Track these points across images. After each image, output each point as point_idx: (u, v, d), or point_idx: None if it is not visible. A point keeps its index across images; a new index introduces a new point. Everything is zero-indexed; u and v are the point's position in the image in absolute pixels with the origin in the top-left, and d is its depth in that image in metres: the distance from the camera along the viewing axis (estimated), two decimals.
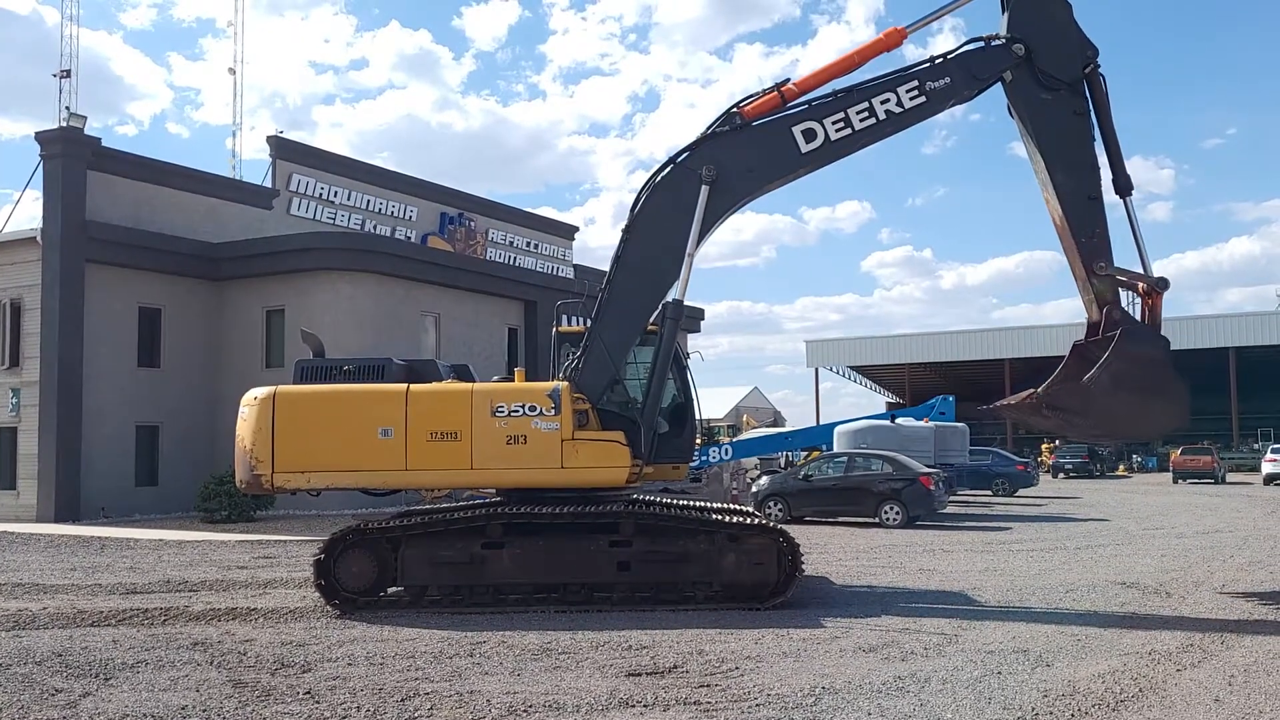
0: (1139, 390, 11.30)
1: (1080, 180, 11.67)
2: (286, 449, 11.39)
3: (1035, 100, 11.72)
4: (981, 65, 11.78)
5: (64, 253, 24.82)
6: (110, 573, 14.94)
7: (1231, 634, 9.72)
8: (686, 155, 11.79)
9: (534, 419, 11.36)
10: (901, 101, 11.65)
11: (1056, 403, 11.50)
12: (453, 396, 11.59)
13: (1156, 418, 11.86)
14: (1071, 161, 11.68)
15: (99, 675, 8.27)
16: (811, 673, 8.21)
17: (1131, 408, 11.36)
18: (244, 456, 11.51)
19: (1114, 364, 11.21)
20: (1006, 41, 11.76)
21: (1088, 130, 11.79)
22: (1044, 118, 11.73)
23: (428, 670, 8.41)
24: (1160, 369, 11.50)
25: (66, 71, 30.28)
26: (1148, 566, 14.95)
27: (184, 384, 27.17)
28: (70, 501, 24.60)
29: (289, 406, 11.55)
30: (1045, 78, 11.67)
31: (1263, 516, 24.42)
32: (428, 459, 11.33)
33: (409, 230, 36.01)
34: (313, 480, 11.49)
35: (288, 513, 24.72)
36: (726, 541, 11.41)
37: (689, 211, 11.61)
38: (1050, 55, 11.70)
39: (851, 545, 18.07)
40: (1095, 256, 11.58)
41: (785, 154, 11.70)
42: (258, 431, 11.44)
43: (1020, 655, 8.78)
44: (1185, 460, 44.11)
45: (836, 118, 11.62)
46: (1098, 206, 11.62)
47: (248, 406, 11.64)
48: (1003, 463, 36.27)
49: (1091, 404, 11.26)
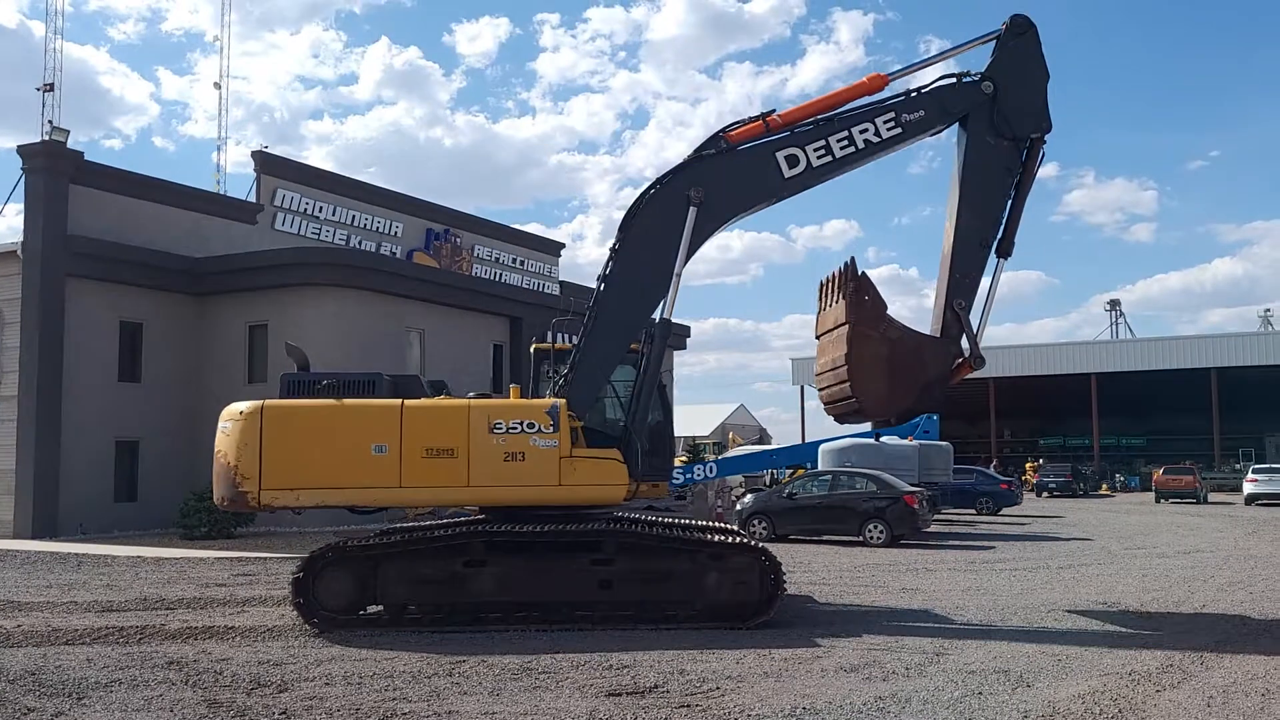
0: (902, 377, 12.13)
1: (981, 226, 12.36)
2: (274, 465, 11.06)
3: (980, 139, 12.34)
4: (954, 100, 12.41)
5: (45, 267, 24.66)
6: (86, 590, 14.78)
7: (1211, 655, 9.73)
8: (675, 176, 12.03)
9: (532, 436, 11.28)
10: (879, 131, 12.19)
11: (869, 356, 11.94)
12: (449, 412, 11.43)
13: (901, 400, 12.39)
14: (982, 207, 12.37)
15: (72, 694, 8.16)
16: (793, 693, 8.17)
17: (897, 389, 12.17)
18: (227, 473, 11.15)
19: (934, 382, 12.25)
20: (978, 79, 12.38)
21: (1009, 188, 12.46)
22: (980, 158, 12.37)
23: (406, 690, 8.33)
24: (937, 381, 12.38)
25: (50, 85, 30.21)
26: (1129, 586, 14.98)
27: (165, 399, 26.97)
28: (48, 517, 24.33)
29: (277, 421, 11.23)
30: (1000, 123, 12.30)
31: (1244, 536, 24.52)
32: (423, 476, 11.13)
33: (394, 246, 35.95)
34: (302, 498, 11.18)
35: (268, 530, 24.54)
36: (709, 560, 11.38)
37: (677, 232, 11.88)
38: (1013, 105, 12.34)
39: (835, 564, 18.05)
40: (960, 294, 12.28)
41: (769, 178, 12.11)
42: (244, 447, 11.09)
43: (1001, 675, 8.77)
44: (1168, 480, 44.29)
45: (818, 145, 12.09)
46: (984, 255, 12.36)
47: (231, 421, 11.30)
48: (987, 481, 36.35)
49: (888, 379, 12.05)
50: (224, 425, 11.37)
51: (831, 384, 12.33)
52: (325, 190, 33.93)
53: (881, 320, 12.03)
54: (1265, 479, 40.24)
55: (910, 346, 12.12)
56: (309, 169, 34.57)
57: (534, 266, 42.62)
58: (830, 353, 12.36)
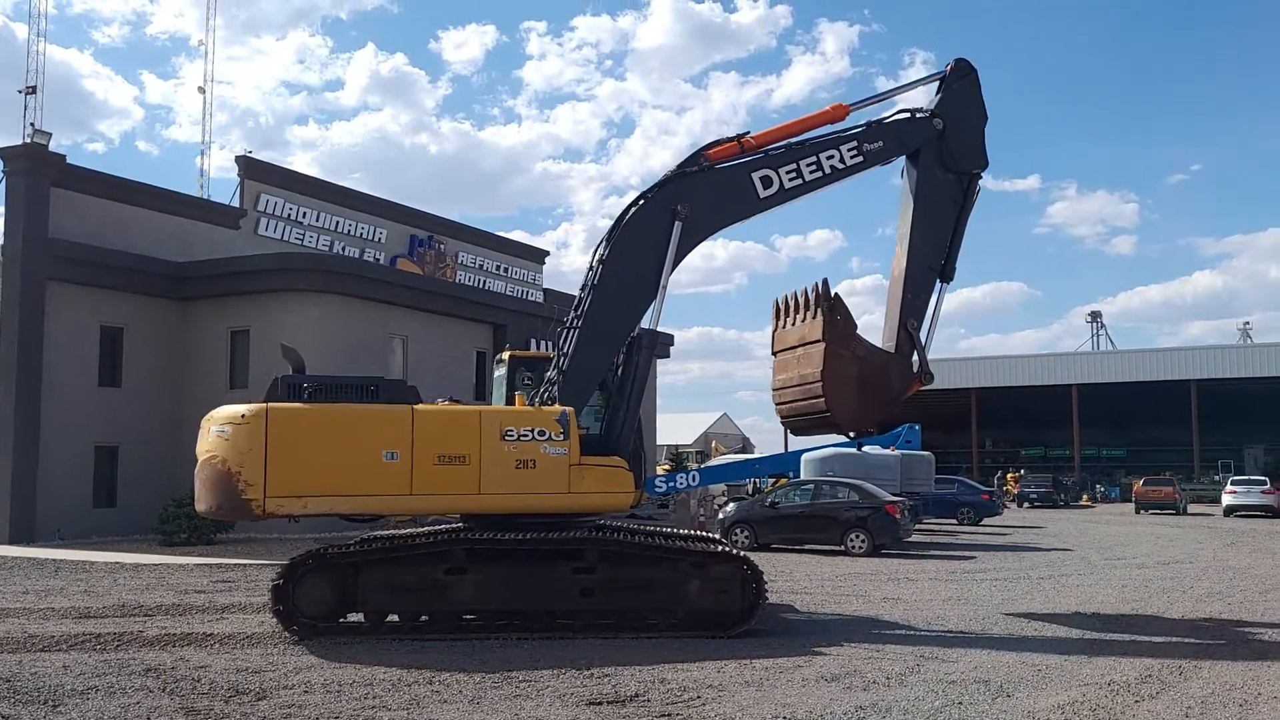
0: (871, 393, 13.02)
1: (931, 252, 13.43)
2: (280, 471, 10.58)
3: (931, 172, 13.49)
4: (909, 134, 13.52)
5: (25, 270, 24.45)
6: (64, 596, 14.64)
7: (1190, 665, 9.80)
8: (660, 190, 12.53)
9: (543, 444, 11.24)
10: (843, 159, 13.15)
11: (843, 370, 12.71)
12: (462, 419, 11.33)
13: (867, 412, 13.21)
14: (932, 233, 13.46)
15: (48, 702, 8.08)
16: (774, 702, 8.18)
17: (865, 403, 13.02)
18: (227, 480, 10.61)
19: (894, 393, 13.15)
20: (929, 116, 13.52)
21: (953, 217, 13.61)
22: (931, 190, 13.50)
23: (386, 698, 8.29)
24: (899, 396, 13.31)
25: (32, 87, 30.07)
26: (1109, 597, 15.06)
27: (145, 404, 26.76)
28: (25, 522, 24.08)
29: (283, 425, 10.74)
30: (947, 157, 13.49)
31: (1222, 548, 24.69)
32: (434, 483, 10.94)
33: (378, 252, 35.85)
34: (309, 505, 10.80)
35: (249, 536, 24.37)
36: (690, 569, 11.39)
37: (663, 244, 12.43)
38: (957, 143, 13.56)
39: (817, 573, 18.07)
40: (912, 313, 13.25)
41: (746, 197, 12.85)
42: (247, 452, 10.56)
43: (981, 685, 8.79)
44: (1147, 491, 44.58)
45: (789, 168, 12.94)
46: (932, 278, 13.45)
47: (230, 424, 10.76)
48: (968, 492, 36.46)
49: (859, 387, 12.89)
50: (220, 429, 10.83)
51: (799, 398, 12.95)
52: (309, 196, 33.82)
53: (852, 339, 12.83)
54: (1244, 490, 40.56)
55: (877, 364, 12.97)
56: (293, 174, 34.44)
57: (518, 274, 42.57)
58: (797, 368, 12.98)
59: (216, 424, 10.91)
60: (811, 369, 12.62)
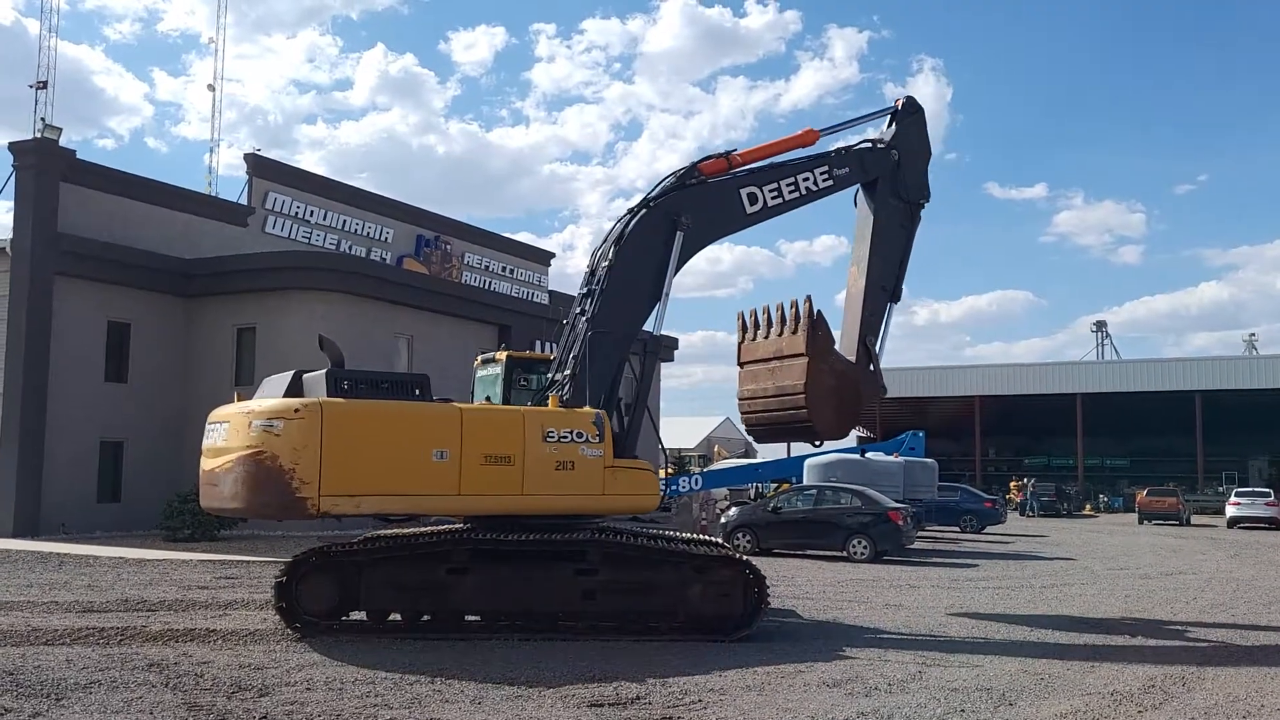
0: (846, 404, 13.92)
1: (884, 272, 14.41)
2: (335, 469, 10.16)
3: (886, 200, 14.44)
4: (872, 162, 14.40)
5: (33, 264, 24.53)
6: (67, 590, 14.67)
7: (1194, 677, 9.77)
8: (663, 199, 12.97)
9: (581, 445, 11.28)
10: (816, 181, 13.92)
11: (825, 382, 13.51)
12: (507, 419, 11.29)
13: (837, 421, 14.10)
14: (887, 257, 14.44)
15: (50, 695, 8.09)
16: (775, 706, 8.17)
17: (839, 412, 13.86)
18: (277, 476, 10.05)
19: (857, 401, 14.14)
20: (888, 147, 14.48)
21: (903, 243, 14.63)
22: (887, 217, 14.45)
23: (388, 697, 8.30)
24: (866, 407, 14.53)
25: (43, 83, 30.14)
26: (1112, 606, 15.03)
27: (151, 400, 26.83)
28: (30, 516, 24.16)
29: (338, 421, 10.29)
30: (900, 187, 14.48)
31: (1226, 559, 24.64)
32: (480, 484, 10.83)
33: (384, 252, 35.92)
34: (362, 505, 10.46)
35: (252, 532, 24.42)
36: (692, 572, 11.39)
37: (666, 254, 12.75)
38: (908, 175, 14.59)
39: (818, 578, 18.06)
40: (869, 331, 14.21)
41: (735, 212, 13.49)
42: (303, 448, 10.04)
43: (984, 694, 8.78)
44: (1150, 501, 44.48)
45: (771, 186, 13.64)
46: (885, 298, 14.46)
47: (281, 419, 10.18)
48: (971, 499, 36.45)
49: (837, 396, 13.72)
50: (267, 423, 10.22)
51: (777, 408, 13.65)
52: (317, 194, 33.90)
53: (830, 353, 13.62)
54: (1248, 502, 40.47)
55: (850, 377, 13.80)
56: (301, 173, 34.53)
57: (524, 275, 42.63)
58: (771, 380, 13.70)
59: (261, 418, 10.28)
60: (792, 380, 13.32)
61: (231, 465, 10.41)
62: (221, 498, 10.66)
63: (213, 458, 10.91)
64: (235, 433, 10.52)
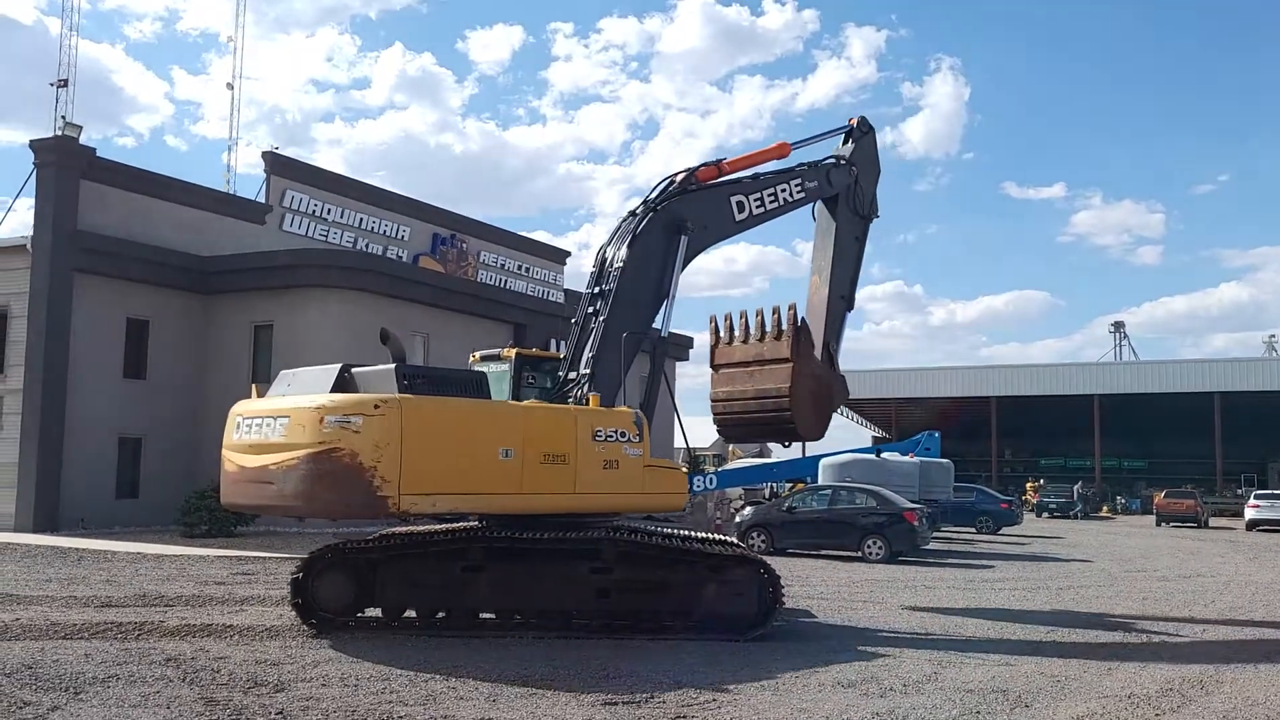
0: (822, 406, 14.87)
1: (844, 282, 15.30)
2: (414, 467, 9.90)
3: (846, 213, 15.29)
4: (836, 177, 15.15)
5: (53, 261, 24.71)
6: (86, 585, 14.78)
7: (1211, 679, 9.71)
8: (669, 204, 13.27)
9: (624, 445, 11.41)
10: (791, 193, 14.52)
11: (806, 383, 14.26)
12: (563, 417, 11.29)
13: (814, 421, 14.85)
14: (845, 267, 15.32)
15: (69, 689, 8.16)
16: (789, 707, 8.16)
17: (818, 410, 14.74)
18: (357, 474, 9.71)
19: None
20: (848, 164, 15.32)
21: (858, 254, 15.59)
22: (845, 228, 15.30)
23: (402, 693, 8.33)
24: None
25: (64, 81, 30.27)
26: (1129, 609, 14.94)
27: (169, 397, 26.99)
28: (49, 512, 24.35)
29: (417, 418, 10.03)
30: (856, 202, 15.36)
31: (1245, 562, 24.45)
32: (539, 482, 10.82)
33: (401, 250, 36.01)
34: (438, 504, 10.27)
35: (268, 529, 24.54)
36: (707, 571, 11.38)
37: (672, 255, 13.08)
38: (864, 189, 15.51)
39: (833, 579, 18.02)
40: (832, 337, 14.98)
41: (727, 219, 13.97)
42: (385, 446, 9.75)
43: (999, 695, 8.74)
44: (1168, 503, 44.15)
45: (755, 196, 14.20)
46: (844, 306, 15.33)
47: (360, 415, 9.81)
48: (987, 500, 36.27)
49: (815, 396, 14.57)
50: (342, 419, 9.82)
51: (759, 409, 14.23)
52: (334, 192, 34.01)
53: (811, 359, 14.35)
54: (1267, 505, 40.10)
55: (826, 381, 14.61)
56: (318, 171, 34.64)
57: (539, 274, 42.66)
58: (751, 382, 14.28)
59: (337, 414, 9.87)
60: (776, 384, 13.98)
61: (297, 462, 9.93)
62: (281, 496, 10.19)
63: (260, 454, 10.34)
64: (299, 429, 10.02)
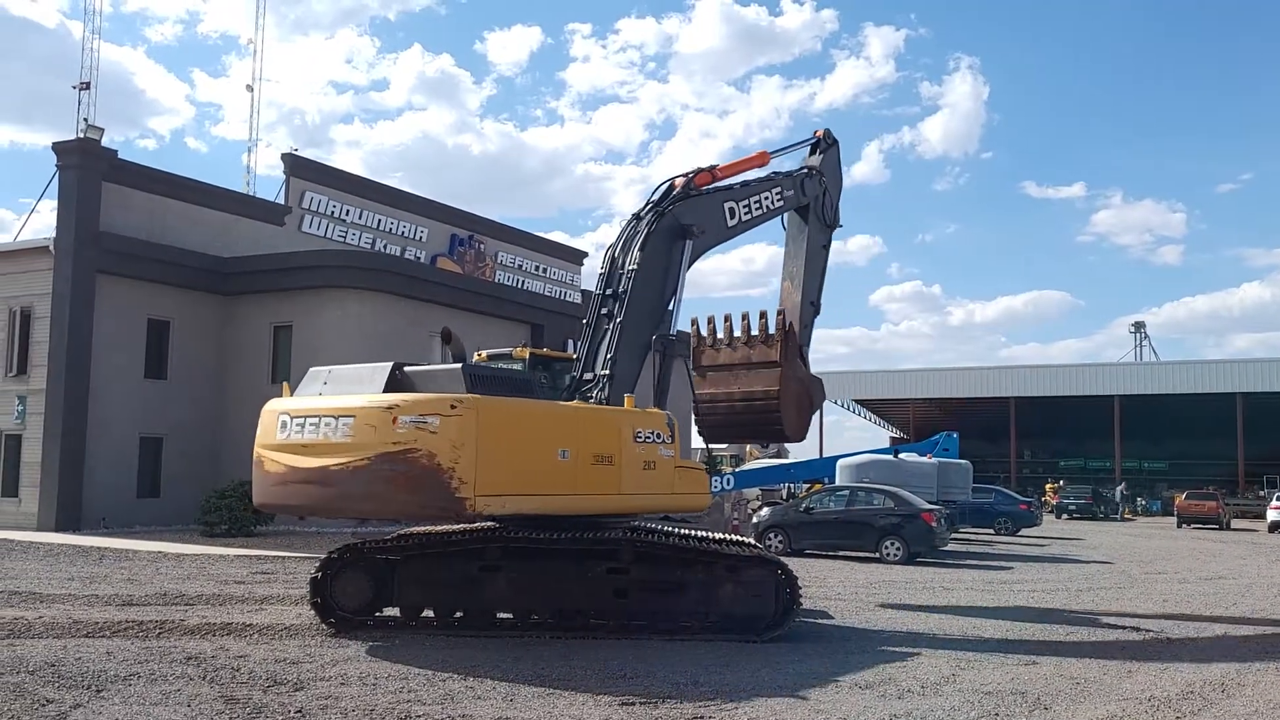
0: (805, 408, 15.38)
1: (814, 288, 15.87)
2: (488, 468, 9.83)
3: (817, 224, 15.88)
4: (810, 187, 15.69)
5: (76, 262, 24.95)
6: (107, 583, 14.91)
7: (1233, 682, 9.64)
8: (675, 208, 13.46)
9: (659, 446, 11.54)
10: (773, 200, 14.99)
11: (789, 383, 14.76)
12: (610, 419, 11.39)
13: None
14: (815, 274, 15.91)
15: (91, 687, 8.24)
16: (806, 708, 8.15)
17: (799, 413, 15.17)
18: (435, 476, 9.61)
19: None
20: (818, 175, 15.90)
21: (826, 260, 16.23)
22: (815, 237, 15.88)
23: (420, 692, 8.37)
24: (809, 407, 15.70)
25: (86, 83, 30.61)
26: (1150, 611, 14.83)
27: (190, 397, 27.20)
28: (72, 511, 24.58)
29: (490, 419, 9.96)
30: (824, 212, 15.97)
31: (1267, 564, 24.23)
32: (590, 483, 10.87)
33: (419, 251, 36.17)
34: (507, 505, 10.23)
35: (288, 529, 24.68)
36: (724, 572, 11.37)
37: (678, 258, 13.32)
38: (830, 200, 16.15)
39: (851, 580, 17.97)
40: (804, 341, 15.50)
41: (721, 224, 14.28)
42: (461, 446, 9.65)
43: (1018, 697, 8.70)
44: (1190, 505, 43.78)
45: (744, 203, 14.60)
46: (813, 311, 15.90)
47: (437, 415, 9.71)
48: (1006, 501, 36.06)
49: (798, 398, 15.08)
50: (417, 419, 9.73)
51: (747, 411, 14.62)
52: (352, 194, 34.20)
53: (796, 363, 14.90)
54: None
55: (808, 384, 15.19)
56: (337, 172, 34.85)
57: (556, 274, 42.75)
58: (737, 384, 14.73)
59: (412, 414, 9.75)
60: (764, 386, 14.49)
61: (369, 463, 9.76)
62: (345, 498, 10.08)
63: (318, 455, 10.08)
64: (367, 429, 9.84)
